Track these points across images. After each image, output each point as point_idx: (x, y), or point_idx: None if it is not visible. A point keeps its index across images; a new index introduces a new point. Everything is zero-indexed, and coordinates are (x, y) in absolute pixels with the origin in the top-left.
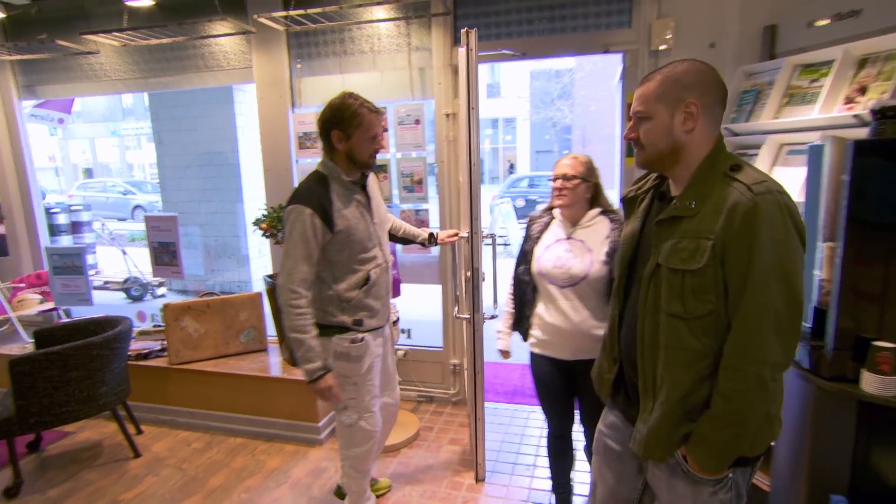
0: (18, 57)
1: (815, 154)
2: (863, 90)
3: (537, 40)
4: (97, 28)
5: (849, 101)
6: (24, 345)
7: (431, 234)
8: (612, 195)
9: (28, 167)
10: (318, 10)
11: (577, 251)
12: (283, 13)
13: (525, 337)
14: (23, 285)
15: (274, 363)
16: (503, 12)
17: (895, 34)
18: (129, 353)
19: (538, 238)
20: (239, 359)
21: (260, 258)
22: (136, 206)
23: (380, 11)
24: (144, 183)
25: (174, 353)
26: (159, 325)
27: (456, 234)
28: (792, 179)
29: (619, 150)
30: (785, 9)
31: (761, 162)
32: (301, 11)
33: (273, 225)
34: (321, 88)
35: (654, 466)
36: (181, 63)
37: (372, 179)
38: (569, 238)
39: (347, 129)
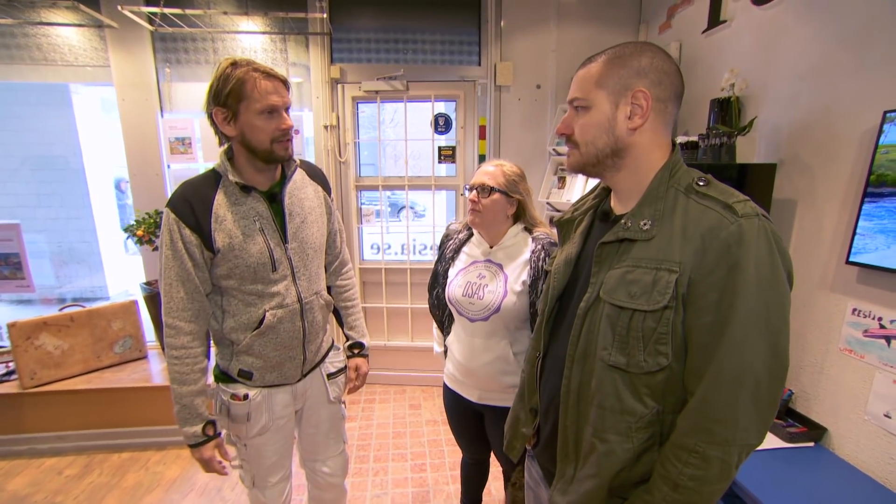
0: None
1: None
2: None
3: (407, 67)
4: None
5: None
6: None
7: (360, 346)
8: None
9: None
10: (198, 11)
11: (492, 277)
12: (156, 9)
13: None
14: None
15: (157, 370)
16: (373, 40)
17: None
18: None
19: (452, 258)
20: (116, 370)
21: (117, 263)
22: None
23: (253, 24)
24: None
25: (28, 376)
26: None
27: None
28: None
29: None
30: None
31: (580, 176)
32: (178, 11)
33: (150, 231)
34: (194, 94)
35: None
36: (8, 52)
37: (302, 189)
38: (486, 261)
39: (230, 102)
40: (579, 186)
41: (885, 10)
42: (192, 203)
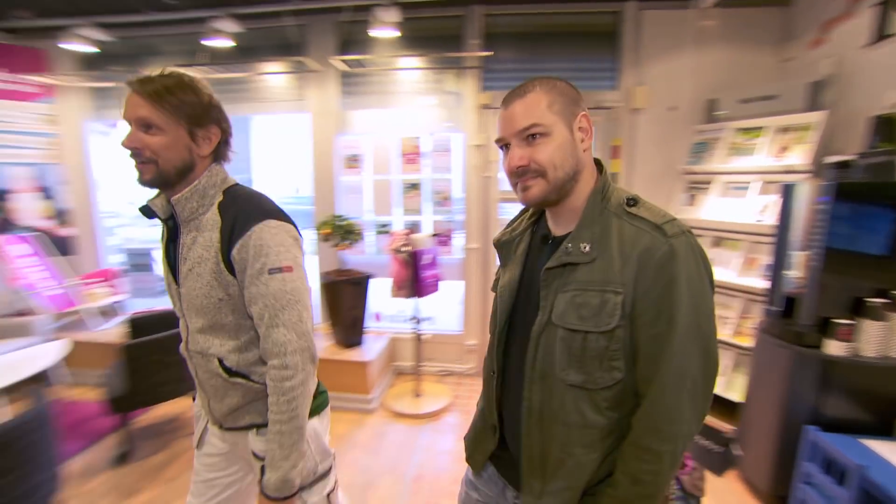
0: (92, 84)
1: (788, 189)
2: (784, 149)
3: None
4: (170, 63)
5: (776, 155)
6: (102, 331)
7: (262, 468)
8: None
9: (90, 180)
10: (371, 56)
11: None
12: (350, 57)
13: None
14: (92, 280)
15: (320, 347)
16: (518, 69)
17: (804, 114)
18: None
19: None
20: None
21: None
22: None
23: (416, 61)
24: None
25: None
26: None
27: None
28: (736, 205)
29: None
30: (723, 88)
31: (712, 193)
32: (365, 57)
33: (331, 231)
34: (365, 118)
35: None
36: (238, 94)
37: (203, 231)
38: None
39: None
40: (710, 204)
41: None
42: None
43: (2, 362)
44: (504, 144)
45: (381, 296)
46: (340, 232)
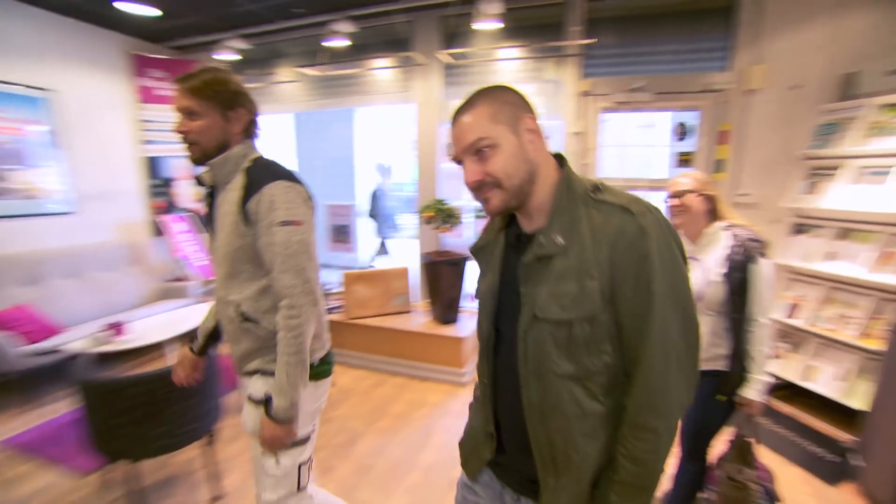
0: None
1: None
2: None
3: (650, 78)
4: (295, 63)
5: None
6: None
7: (268, 401)
8: None
9: None
10: (473, 49)
11: (695, 272)
12: (456, 50)
13: None
14: None
15: (418, 322)
16: (620, 55)
17: None
18: None
19: None
20: (394, 317)
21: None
22: None
23: (517, 51)
24: None
25: (348, 311)
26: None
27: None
28: (872, 193)
29: None
30: (864, 59)
31: (840, 180)
32: (473, 49)
33: (434, 214)
34: None
35: None
36: (349, 88)
37: (229, 192)
38: (690, 258)
39: None
40: (836, 192)
41: None
42: None
43: (171, 317)
44: (458, 161)
45: (476, 277)
46: (442, 216)
